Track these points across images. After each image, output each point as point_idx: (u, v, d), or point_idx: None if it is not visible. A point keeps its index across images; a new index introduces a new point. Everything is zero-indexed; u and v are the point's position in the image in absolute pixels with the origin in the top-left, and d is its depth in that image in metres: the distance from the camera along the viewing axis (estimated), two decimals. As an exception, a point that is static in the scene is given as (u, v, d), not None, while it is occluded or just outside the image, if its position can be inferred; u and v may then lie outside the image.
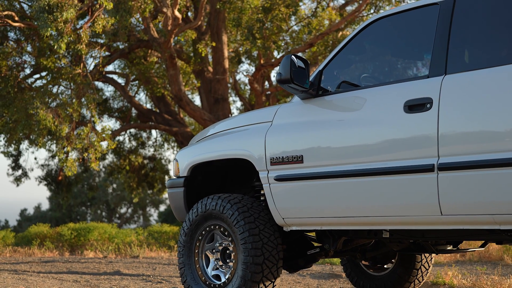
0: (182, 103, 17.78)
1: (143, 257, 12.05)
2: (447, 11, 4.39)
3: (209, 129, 5.96)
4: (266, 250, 5.09)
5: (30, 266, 10.18)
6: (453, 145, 4.10)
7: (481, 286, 6.88)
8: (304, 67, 4.80)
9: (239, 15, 16.12)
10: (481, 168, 3.96)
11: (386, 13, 4.84)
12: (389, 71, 5.16)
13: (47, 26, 12.23)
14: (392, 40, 5.03)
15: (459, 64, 4.27)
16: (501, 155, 3.87)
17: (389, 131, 4.42)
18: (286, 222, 5.09)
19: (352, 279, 6.64)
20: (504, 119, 3.88)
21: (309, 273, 8.59)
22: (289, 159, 4.94)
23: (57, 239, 14.53)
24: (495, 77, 4.00)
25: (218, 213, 5.28)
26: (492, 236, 4.48)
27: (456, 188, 4.09)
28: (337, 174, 4.69)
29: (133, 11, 13.69)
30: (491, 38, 4.26)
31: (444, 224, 4.28)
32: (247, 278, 5.06)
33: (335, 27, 16.56)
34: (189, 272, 5.50)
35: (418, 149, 4.25)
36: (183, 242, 5.55)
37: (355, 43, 4.96)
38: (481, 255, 10.23)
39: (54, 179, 24.79)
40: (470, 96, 4.10)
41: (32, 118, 15.05)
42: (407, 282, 6.32)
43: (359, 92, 4.76)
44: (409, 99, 4.34)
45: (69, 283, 7.67)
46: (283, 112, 5.17)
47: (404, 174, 4.31)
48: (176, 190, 5.79)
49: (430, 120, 4.20)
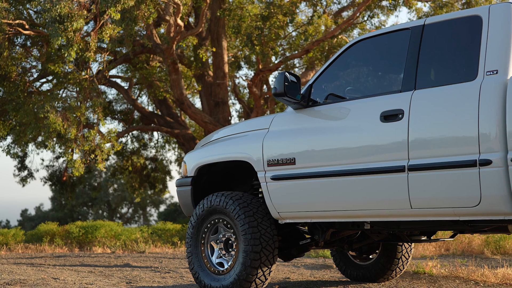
0: (183, 106, 18.58)
1: (149, 252, 12.82)
2: (417, 36, 5.19)
3: (213, 135, 6.74)
4: (264, 240, 5.87)
5: (44, 260, 10.94)
6: (420, 149, 4.89)
7: (457, 274, 7.67)
8: (296, 81, 5.59)
9: (238, 23, 16.91)
10: (443, 169, 4.75)
11: (367, 35, 5.63)
12: (369, 85, 5.95)
13: (58, 35, 13.00)
14: (371, 58, 5.83)
15: (426, 81, 5.07)
16: (458, 158, 4.66)
17: (368, 138, 5.21)
18: (281, 215, 5.87)
19: (341, 268, 7.41)
20: (459, 128, 4.68)
21: (303, 265, 9.38)
22: (284, 161, 5.73)
23: (66, 236, 15.31)
24: (452, 93, 4.79)
25: (222, 208, 6.05)
26: (455, 226, 5.26)
27: (423, 185, 4.87)
28: (324, 174, 5.47)
29: (138, 20, 14.46)
30: (451, 60, 5.05)
31: (413, 216, 5.07)
32: (247, 264, 5.83)
33: (330, 34, 17.35)
34: (196, 260, 6.28)
35: (391, 152, 5.04)
36: (190, 234, 6.32)
37: (340, 61, 5.75)
38: (464, 249, 11.02)
39: (58, 179, 25.47)
40: (434, 108, 4.89)
41: (41, 121, 15.80)
42: (389, 270, 7.10)
43: (343, 104, 5.55)
44: (385, 110, 5.13)
45: (85, 273, 8.44)
46: (278, 121, 5.96)
47: (380, 174, 5.10)
48: (184, 188, 6.58)
49: (401, 128, 4.99)
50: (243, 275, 5.83)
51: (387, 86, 5.63)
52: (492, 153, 4.53)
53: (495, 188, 4.54)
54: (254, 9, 16.83)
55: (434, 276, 7.66)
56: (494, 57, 4.70)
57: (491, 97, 4.59)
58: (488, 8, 4.88)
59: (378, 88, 5.81)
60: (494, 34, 4.76)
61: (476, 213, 4.73)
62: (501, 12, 4.80)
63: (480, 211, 4.69)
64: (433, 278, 7.40)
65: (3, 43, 14.74)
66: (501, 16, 4.79)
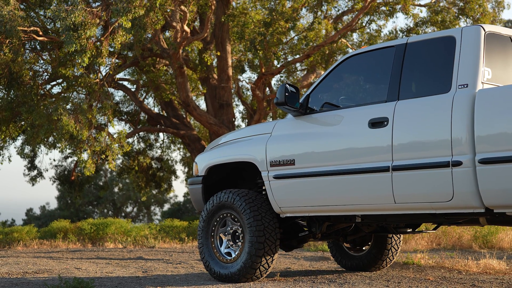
0: (189, 109, 19.37)
1: (159, 247, 13.60)
2: (400, 53, 5.96)
3: (221, 138, 7.53)
4: (267, 232, 6.64)
5: (62, 254, 11.73)
6: (403, 152, 5.66)
7: (442, 265, 8.44)
8: (295, 92, 6.37)
9: (242, 29, 17.70)
10: (421, 169, 5.52)
11: (358, 51, 6.41)
12: (359, 95, 6.72)
13: (72, 42, 13.78)
14: (361, 72, 6.61)
15: (408, 92, 5.84)
16: (434, 159, 5.44)
17: (358, 142, 5.99)
18: (282, 210, 6.65)
19: (337, 259, 8.19)
20: (435, 133, 5.45)
21: (303, 257, 10.16)
22: (284, 162, 6.51)
23: (78, 233, 16.08)
24: (430, 103, 5.57)
25: (230, 204, 6.83)
26: (434, 219, 6.03)
27: (404, 183, 5.65)
28: (320, 173, 6.25)
29: (147, 27, 15.24)
30: (429, 74, 5.82)
31: (397, 210, 5.84)
32: (252, 254, 6.60)
33: (330, 40, 18.13)
34: (206, 250, 7.06)
35: (378, 155, 5.81)
36: (201, 227, 7.10)
37: (334, 73, 6.53)
38: (454, 243, 11.78)
39: (67, 179, 26.20)
40: (414, 116, 5.67)
41: (54, 123, 16.57)
42: (380, 260, 7.87)
43: (337, 112, 6.33)
44: (372, 117, 5.90)
45: (103, 265, 9.22)
46: (279, 126, 6.74)
47: (368, 173, 5.87)
48: (196, 186, 7.37)
49: (386, 134, 5.76)
50: (249, 263, 6.61)
51: (375, 96, 6.39)
52: (462, 156, 5.29)
53: (465, 185, 5.30)
54: (257, 16, 17.63)
55: (421, 266, 8.42)
56: (465, 72, 5.46)
57: (462, 107, 5.35)
58: (461, 30, 5.65)
59: (367, 98, 6.57)
60: (465, 52, 5.53)
61: (450, 207, 5.50)
62: (472, 34, 5.57)
63: (453, 206, 5.46)
64: (421, 268, 8.16)
65: (19, 49, 15.51)
66: (472, 37, 5.55)
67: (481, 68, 5.45)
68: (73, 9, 13.80)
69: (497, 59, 5.62)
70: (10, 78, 16.59)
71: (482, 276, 7.35)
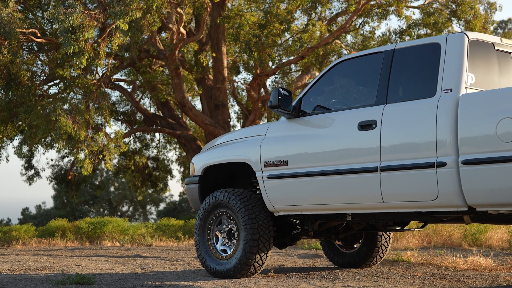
0: (185, 109, 19.62)
1: (155, 245, 13.86)
2: (388, 58, 6.24)
3: (217, 140, 7.80)
4: (261, 229, 6.92)
5: (61, 252, 11.98)
6: (390, 153, 5.94)
7: (431, 262, 8.73)
8: (288, 95, 6.65)
9: (237, 30, 17.96)
10: (408, 169, 5.81)
11: (348, 56, 6.69)
12: (350, 99, 7.00)
13: (71, 44, 14.02)
14: (352, 76, 6.89)
15: (395, 96, 6.12)
16: (420, 160, 5.72)
17: (348, 143, 6.27)
18: (275, 209, 6.93)
19: (329, 256, 8.47)
20: (421, 135, 5.73)
21: (296, 255, 10.44)
22: (278, 163, 6.79)
23: (76, 231, 16.33)
24: (416, 107, 5.85)
25: (225, 202, 7.10)
26: (420, 217, 6.32)
27: (392, 183, 5.93)
28: (312, 173, 6.53)
29: (144, 29, 15.49)
30: (416, 79, 6.10)
31: (385, 208, 6.12)
32: (247, 250, 6.88)
33: (324, 41, 18.40)
34: (203, 247, 7.33)
35: (367, 156, 6.09)
36: (198, 225, 7.37)
37: (326, 77, 6.81)
38: (444, 242, 12.07)
39: (63, 178, 26.39)
40: (401, 119, 5.95)
41: (52, 123, 16.79)
42: (371, 257, 8.16)
43: (328, 114, 6.61)
44: (361, 120, 6.18)
45: (102, 262, 9.48)
46: (273, 128, 7.02)
47: (357, 173, 6.15)
48: (192, 186, 7.64)
49: (375, 136, 6.04)
50: (244, 260, 6.88)
51: (364, 99, 6.67)
52: (446, 157, 5.57)
53: (449, 185, 5.58)
54: (252, 18, 17.90)
55: (411, 263, 8.71)
56: (449, 78, 5.75)
57: (446, 111, 5.63)
58: (446, 37, 5.93)
59: (356, 101, 6.85)
60: (450, 59, 5.81)
61: (435, 206, 5.78)
62: (456, 41, 5.85)
63: (438, 204, 5.74)
64: (410, 265, 8.45)
65: (17, 51, 15.75)
66: (456, 44, 5.83)
67: (465, 73, 5.73)
68: (71, 12, 14.04)
69: (480, 65, 5.91)
70: (9, 79, 16.81)
71: (468, 273, 7.64)
